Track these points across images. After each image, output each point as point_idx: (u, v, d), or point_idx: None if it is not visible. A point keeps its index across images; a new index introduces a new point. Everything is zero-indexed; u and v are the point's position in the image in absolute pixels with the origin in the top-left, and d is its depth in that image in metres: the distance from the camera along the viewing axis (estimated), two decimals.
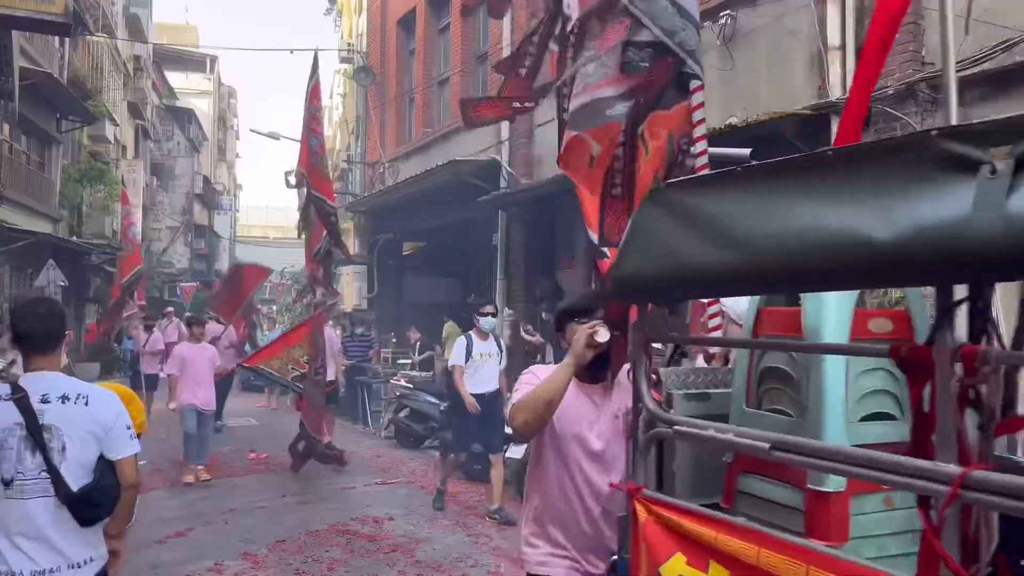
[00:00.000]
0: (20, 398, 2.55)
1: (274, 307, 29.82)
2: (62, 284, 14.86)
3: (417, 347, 13.86)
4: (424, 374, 12.52)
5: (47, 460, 2.53)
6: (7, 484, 2.51)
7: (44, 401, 2.58)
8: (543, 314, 11.04)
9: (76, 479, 2.57)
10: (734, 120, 7.25)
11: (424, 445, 10.50)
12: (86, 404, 2.64)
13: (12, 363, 8.06)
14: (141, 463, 6.88)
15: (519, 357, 10.83)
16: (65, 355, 3.10)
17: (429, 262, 16.75)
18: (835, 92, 6.34)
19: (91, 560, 2.63)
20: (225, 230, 51.13)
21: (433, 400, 10.08)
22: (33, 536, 2.52)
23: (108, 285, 23.59)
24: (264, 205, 74.40)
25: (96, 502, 2.61)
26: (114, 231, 23.29)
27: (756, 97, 7.37)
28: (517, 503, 7.53)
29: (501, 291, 11.61)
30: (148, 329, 12.99)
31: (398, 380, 11.53)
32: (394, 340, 15.19)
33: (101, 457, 2.64)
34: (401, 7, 15.97)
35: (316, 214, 8.87)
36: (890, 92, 6.04)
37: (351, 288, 16.14)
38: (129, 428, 2.74)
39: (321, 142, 9.34)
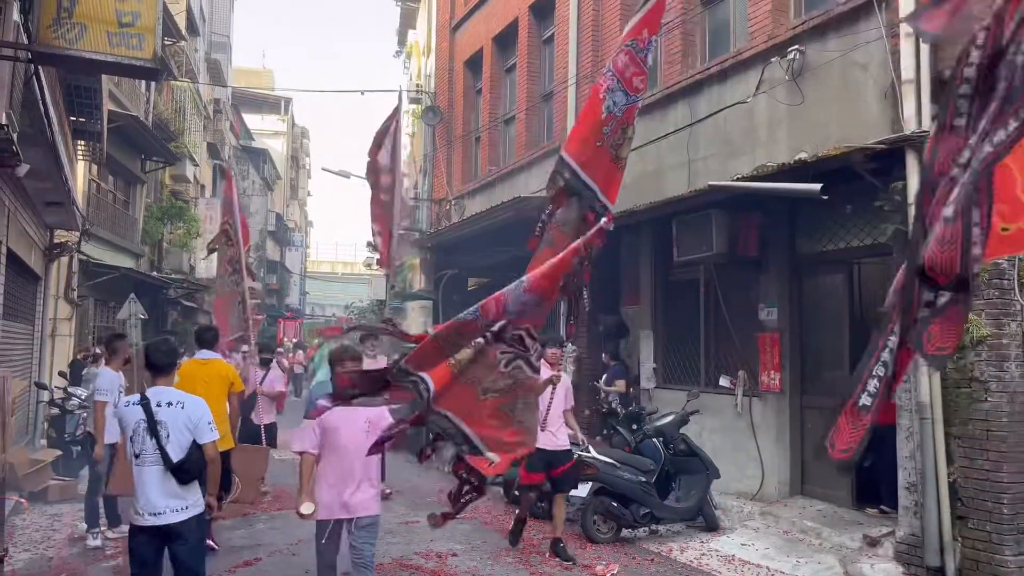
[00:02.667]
0: (145, 403, 4.28)
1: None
2: (142, 317, 15.44)
3: None
4: None
5: (158, 443, 4.22)
6: (136, 456, 4.24)
7: (158, 405, 4.30)
8: (604, 356, 10.97)
9: (175, 455, 4.24)
10: (803, 155, 7.14)
11: (488, 481, 10.44)
12: (183, 408, 4.36)
13: (94, 391, 8.35)
14: None
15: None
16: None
17: None
18: (910, 126, 6.20)
19: (186, 508, 4.27)
20: (296, 265, 52.45)
21: None
22: (151, 490, 4.20)
23: (185, 318, 24.43)
24: (333, 241, 75.99)
25: (187, 469, 4.26)
26: (191, 266, 24.16)
27: (826, 132, 7.26)
28: (580, 540, 7.43)
29: (564, 326, 11.56)
30: (265, 364, 10.12)
31: None
32: None
33: (193, 442, 4.33)
34: (468, 48, 16.31)
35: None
36: None
37: (416, 323, 16.32)
38: (211, 423, 4.42)
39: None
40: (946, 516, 5.84)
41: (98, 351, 13.74)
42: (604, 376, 10.72)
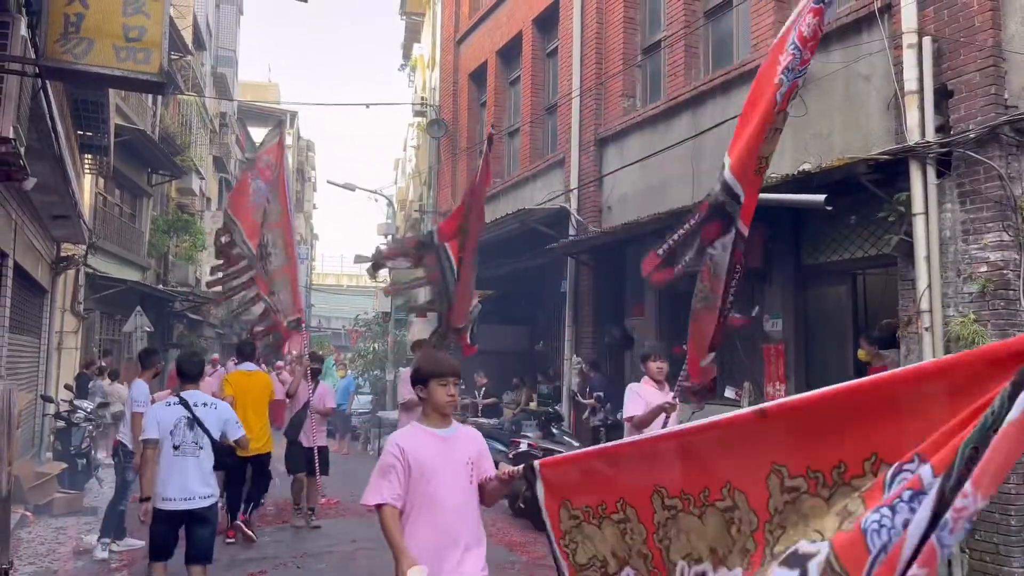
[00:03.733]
0: (184, 403, 5.11)
1: (348, 353, 30.34)
2: (148, 330, 15.49)
3: (483, 391, 13.89)
4: (491, 421, 12.51)
5: (197, 436, 5.07)
6: (176, 448, 4.99)
7: (195, 405, 5.14)
8: (583, 366, 10.92)
9: (211, 446, 5.14)
10: (807, 166, 7.15)
11: None
12: (215, 408, 5.30)
13: (105, 404, 8.39)
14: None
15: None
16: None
17: (498, 309, 16.83)
18: (913, 136, 6.20)
19: (212, 495, 5.11)
20: (302, 278, 52.34)
21: (501, 447, 10.03)
22: (187, 477, 4.97)
23: (191, 331, 24.48)
24: (339, 254, 76.22)
25: (218, 456, 5.15)
26: (197, 279, 24.23)
27: (829, 143, 7.27)
28: None
29: (569, 338, 11.57)
30: (314, 376, 8.89)
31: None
32: (462, 387, 15.23)
33: (222, 435, 5.23)
34: (473, 62, 16.40)
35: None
36: (971, 136, 5.87)
37: (421, 335, 16.32)
38: (237, 422, 5.39)
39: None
40: None
41: (103, 364, 13.79)
42: (587, 387, 10.69)
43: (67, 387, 12.06)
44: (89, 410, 10.89)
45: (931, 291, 6.07)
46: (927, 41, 6.23)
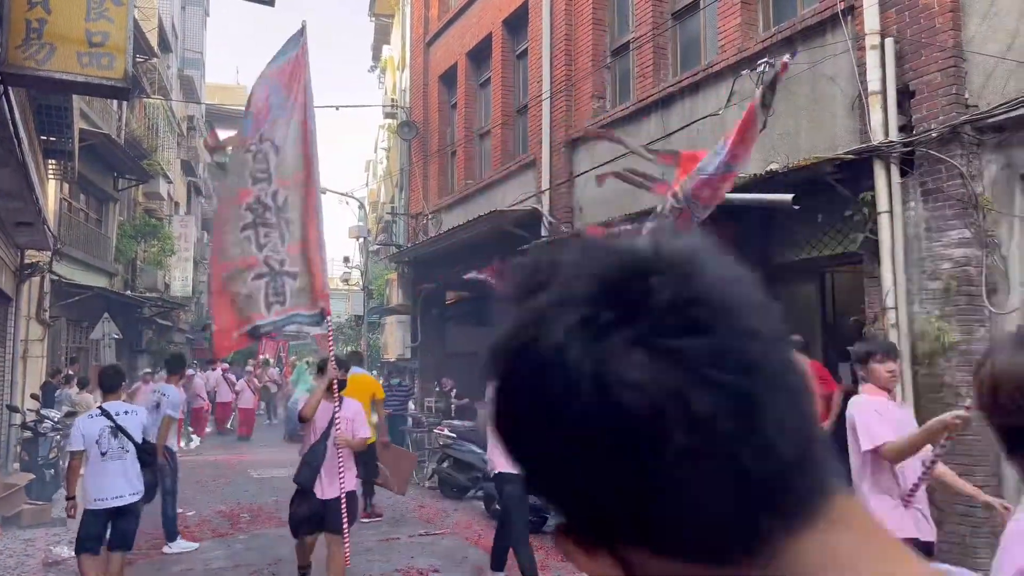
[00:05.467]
0: (106, 413, 5.71)
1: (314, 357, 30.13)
2: (116, 337, 15.27)
3: (453, 394, 13.89)
4: (467, 424, 12.50)
5: (122, 442, 5.67)
6: (103, 454, 5.60)
7: (116, 414, 5.70)
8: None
9: (134, 448, 5.75)
10: (775, 166, 7.24)
11: (468, 496, 10.42)
12: (135, 414, 5.87)
13: (73, 413, 8.44)
14: (190, 513, 7.41)
15: None
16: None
17: (471, 312, 16.83)
18: (877, 136, 6.31)
19: (137, 493, 5.77)
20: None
21: (477, 450, 10.04)
22: (116, 479, 5.62)
23: (160, 337, 24.17)
24: None
25: (143, 456, 5.79)
26: (166, 284, 23.93)
27: (796, 142, 7.36)
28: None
29: None
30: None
31: (441, 430, 11.52)
32: (437, 389, 15.22)
33: (144, 439, 5.88)
34: (443, 63, 16.37)
35: None
36: (933, 135, 5.98)
37: (394, 338, 16.29)
38: (155, 425, 6.53)
39: None
40: None
41: (71, 372, 13.58)
42: None
43: (33, 396, 11.85)
44: (56, 419, 10.71)
45: (896, 288, 6.17)
46: (889, 42, 6.34)
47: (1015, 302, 5.69)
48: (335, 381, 5.88)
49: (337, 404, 5.85)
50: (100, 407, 5.87)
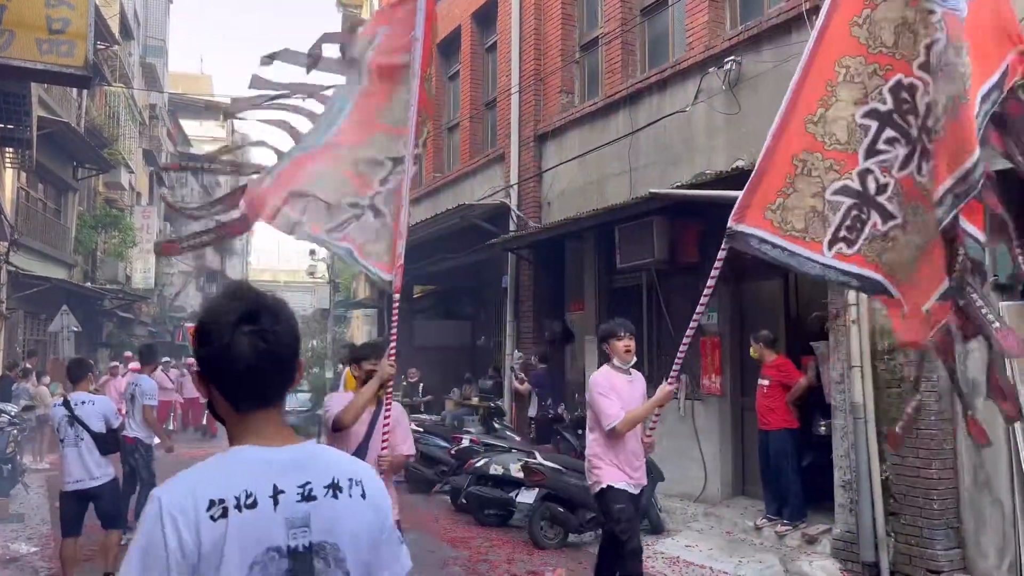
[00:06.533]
0: (66, 403, 5.92)
1: None
2: (75, 329, 14.98)
3: (420, 388, 13.86)
4: (433, 417, 12.49)
5: (77, 430, 5.82)
6: (62, 441, 5.87)
7: (75, 404, 5.88)
8: (532, 358, 11.01)
9: (93, 437, 5.88)
10: (741, 163, 7.33)
11: (434, 490, 10.41)
12: (94, 404, 6.00)
13: (31, 407, 8.29)
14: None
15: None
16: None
17: (439, 305, 16.80)
18: None
19: (101, 477, 5.91)
20: (237, 274, 51.44)
21: (443, 444, 10.03)
22: (76, 464, 5.81)
23: (121, 329, 23.75)
24: (275, 248, 75.04)
25: (102, 444, 5.90)
26: (127, 276, 23.51)
27: (762, 140, 7.40)
28: (528, 547, 7.46)
29: (511, 333, 11.62)
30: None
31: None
32: (404, 383, 15.18)
33: (107, 427, 5.98)
34: None
35: None
36: None
37: (361, 331, 16.21)
38: (115, 413, 6.17)
39: None
40: (879, 513, 6.04)
41: (28, 365, 13.29)
42: (529, 376, 10.72)
43: None
44: (13, 414, 10.47)
45: None
46: None
47: None
48: (387, 379, 4.20)
49: (387, 406, 4.19)
50: (64, 397, 6.10)
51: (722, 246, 3.65)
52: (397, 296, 4.49)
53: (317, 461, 1.51)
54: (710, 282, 3.72)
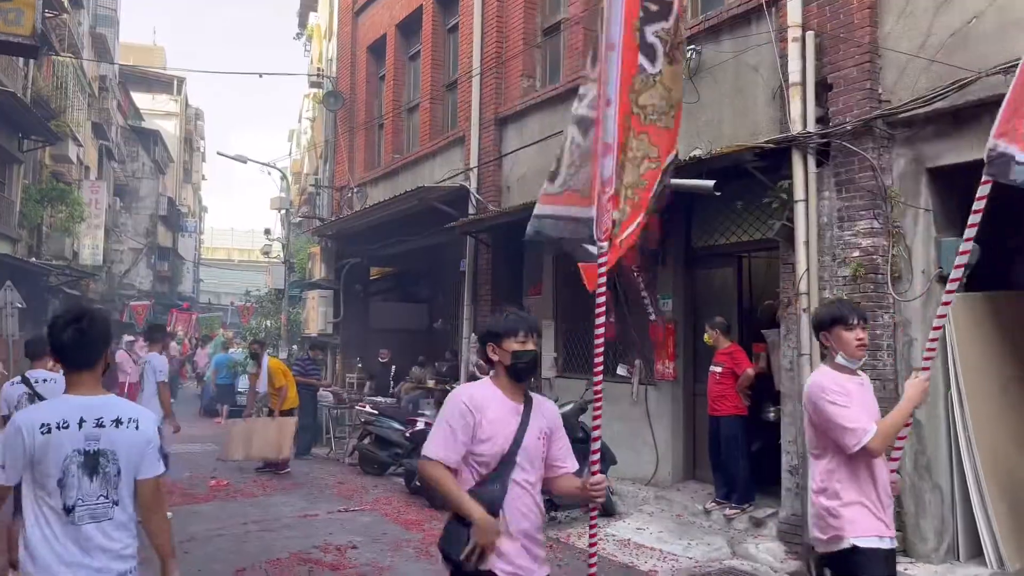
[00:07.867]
0: (25, 381, 5.67)
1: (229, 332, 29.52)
2: (19, 306, 14.53)
3: (393, 371, 13.79)
4: (388, 400, 12.45)
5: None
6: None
7: (35, 382, 5.59)
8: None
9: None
10: (698, 152, 7.39)
11: (388, 472, 10.40)
12: (55, 382, 5.40)
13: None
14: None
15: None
16: None
17: (396, 287, 16.69)
18: (796, 127, 6.50)
19: None
20: (189, 252, 50.46)
21: (398, 427, 10.02)
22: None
23: (67, 307, 23.13)
24: (229, 228, 73.64)
25: None
26: (75, 252, 22.89)
27: (719, 130, 7.53)
28: None
29: (468, 317, 11.61)
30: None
31: (362, 407, 11.44)
32: (359, 365, 15.08)
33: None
34: (372, 34, 16.05)
35: None
36: (848, 128, 6.21)
37: (317, 312, 16.03)
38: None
39: None
40: None
41: None
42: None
43: None
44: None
45: (809, 274, 6.41)
46: (810, 36, 6.53)
47: (917, 290, 5.99)
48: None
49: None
50: (22, 375, 5.90)
51: (983, 174, 3.31)
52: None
53: (109, 406, 2.69)
54: (970, 226, 3.31)
